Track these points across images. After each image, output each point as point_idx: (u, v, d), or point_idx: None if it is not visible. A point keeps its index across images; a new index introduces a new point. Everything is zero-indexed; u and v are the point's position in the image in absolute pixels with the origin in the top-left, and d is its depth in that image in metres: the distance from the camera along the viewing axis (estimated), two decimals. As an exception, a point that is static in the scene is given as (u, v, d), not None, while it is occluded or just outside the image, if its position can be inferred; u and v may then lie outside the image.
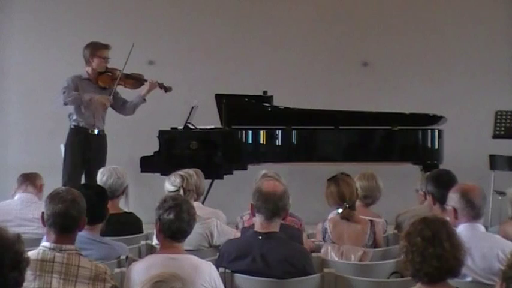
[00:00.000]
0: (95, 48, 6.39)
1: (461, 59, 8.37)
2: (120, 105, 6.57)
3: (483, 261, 3.38)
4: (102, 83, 6.43)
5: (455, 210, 3.54)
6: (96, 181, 4.83)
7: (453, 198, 3.57)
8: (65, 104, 6.33)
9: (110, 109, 6.63)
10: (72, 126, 6.41)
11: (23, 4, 8.40)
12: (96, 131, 6.42)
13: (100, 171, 4.78)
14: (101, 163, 6.36)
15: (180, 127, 6.90)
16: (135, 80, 6.56)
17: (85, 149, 6.36)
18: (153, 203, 3.42)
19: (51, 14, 8.34)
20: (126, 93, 6.75)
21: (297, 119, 6.95)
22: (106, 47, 6.41)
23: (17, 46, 8.38)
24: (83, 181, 6.32)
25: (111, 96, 6.38)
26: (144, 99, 6.58)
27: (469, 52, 8.37)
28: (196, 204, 4.25)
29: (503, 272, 2.30)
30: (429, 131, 6.91)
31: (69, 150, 6.41)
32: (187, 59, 8.34)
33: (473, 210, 3.53)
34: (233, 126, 6.85)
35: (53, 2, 8.37)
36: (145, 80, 6.56)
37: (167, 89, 6.65)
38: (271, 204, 3.55)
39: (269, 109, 6.99)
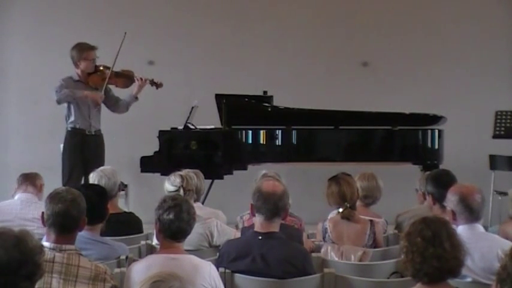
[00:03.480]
0: (81, 51, 6.33)
1: (461, 59, 8.37)
2: (113, 104, 6.54)
3: (483, 261, 3.38)
4: (93, 83, 6.39)
5: (453, 212, 3.53)
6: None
7: (451, 201, 3.55)
8: (58, 102, 6.34)
9: (105, 109, 6.60)
10: (69, 129, 6.41)
11: (23, 5, 8.40)
12: (93, 132, 6.42)
13: (90, 176, 4.78)
14: (100, 163, 6.35)
15: (180, 127, 6.90)
16: (126, 78, 6.46)
17: (83, 150, 6.36)
18: (153, 203, 3.42)
19: (51, 14, 8.34)
20: (119, 92, 6.71)
21: (297, 119, 6.95)
22: (92, 48, 6.35)
23: (17, 46, 8.39)
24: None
25: (103, 92, 6.34)
26: (136, 98, 6.50)
27: (469, 52, 8.37)
28: (196, 204, 4.25)
29: (497, 274, 2.30)
30: (429, 131, 6.91)
31: (68, 152, 6.41)
32: (187, 59, 8.34)
33: (472, 215, 3.51)
34: (233, 126, 6.85)
35: (53, 3, 8.37)
36: (136, 77, 6.45)
37: (158, 85, 6.52)
38: (271, 204, 3.55)
39: (269, 109, 6.98)
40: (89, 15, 8.28)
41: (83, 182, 6.24)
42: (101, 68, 6.41)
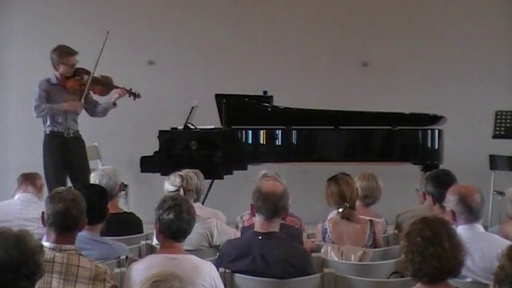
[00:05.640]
0: (61, 56, 6.24)
1: (461, 59, 8.37)
2: (92, 108, 6.48)
3: (483, 261, 3.38)
4: (71, 88, 6.30)
5: (453, 212, 3.53)
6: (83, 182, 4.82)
7: (451, 201, 3.55)
8: (37, 117, 6.30)
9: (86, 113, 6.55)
10: (47, 132, 6.33)
11: (22, 4, 8.40)
12: (71, 134, 6.34)
13: (91, 176, 4.77)
14: (84, 164, 6.35)
15: (180, 127, 6.90)
16: (103, 86, 6.39)
17: (64, 153, 6.28)
18: (153, 203, 3.42)
19: (51, 14, 8.35)
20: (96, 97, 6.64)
21: (297, 119, 6.95)
22: (72, 53, 6.25)
23: (17, 46, 8.39)
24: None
25: (83, 100, 6.27)
26: (115, 104, 6.43)
27: (469, 52, 8.37)
28: (196, 204, 4.26)
29: (495, 274, 2.30)
30: (429, 131, 6.91)
31: (48, 156, 6.31)
32: (187, 59, 8.34)
33: (471, 215, 3.51)
34: (233, 126, 6.85)
35: (53, 3, 8.37)
36: (114, 86, 6.39)
37: (136, 96, 6.45)
38: (271, 204, 3.55)
39: (269, 109, 6.99)
40: (88, 15, 8.27)
41: (69, 184, 6.19)
42: (80, 72, 6.34)
